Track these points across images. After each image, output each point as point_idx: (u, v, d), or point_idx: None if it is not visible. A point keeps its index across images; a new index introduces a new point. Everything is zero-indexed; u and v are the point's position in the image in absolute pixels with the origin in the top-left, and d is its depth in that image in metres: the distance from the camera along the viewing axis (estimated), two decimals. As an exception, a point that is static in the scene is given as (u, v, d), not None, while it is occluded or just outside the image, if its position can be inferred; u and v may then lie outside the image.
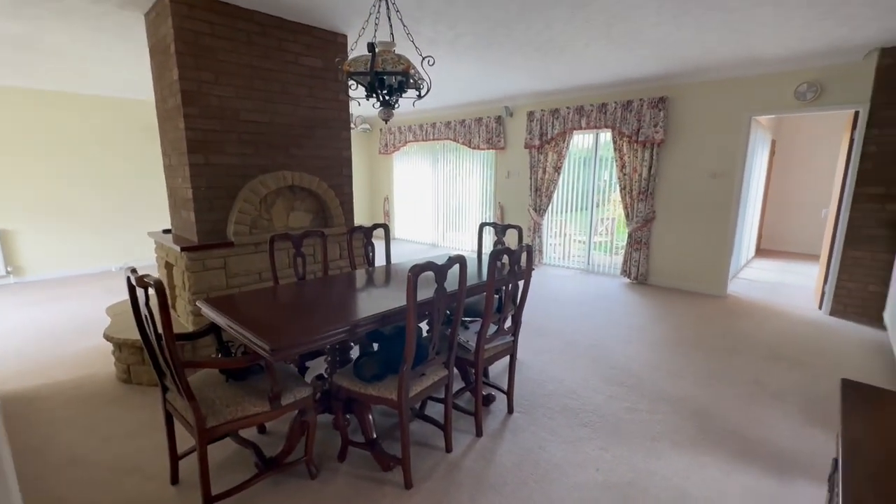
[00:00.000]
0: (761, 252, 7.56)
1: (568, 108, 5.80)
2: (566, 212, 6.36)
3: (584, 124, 5.68)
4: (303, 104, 3.35)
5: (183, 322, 3.10)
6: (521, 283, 2.48)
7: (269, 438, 2.30)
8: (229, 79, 2.92)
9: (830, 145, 7.03)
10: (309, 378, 2.60)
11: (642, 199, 5.31)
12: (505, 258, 2.29)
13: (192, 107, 2.78)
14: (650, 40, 3.60)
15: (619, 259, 5.92)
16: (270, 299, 2.25)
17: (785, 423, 2.49)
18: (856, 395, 1.18)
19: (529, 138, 6.28)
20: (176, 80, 2.73)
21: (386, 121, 2.39)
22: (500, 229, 3.32)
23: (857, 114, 4.09)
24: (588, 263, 6.19)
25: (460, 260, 2.02)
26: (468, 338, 2.45)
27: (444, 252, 7.47)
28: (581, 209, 6.15)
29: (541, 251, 6.56)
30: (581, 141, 6.07)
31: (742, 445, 2.28)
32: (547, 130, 6.09)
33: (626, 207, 5.48)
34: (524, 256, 2.37)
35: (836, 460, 1.23)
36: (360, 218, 9.29)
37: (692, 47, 3.79)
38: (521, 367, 3.18)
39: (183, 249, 2.77)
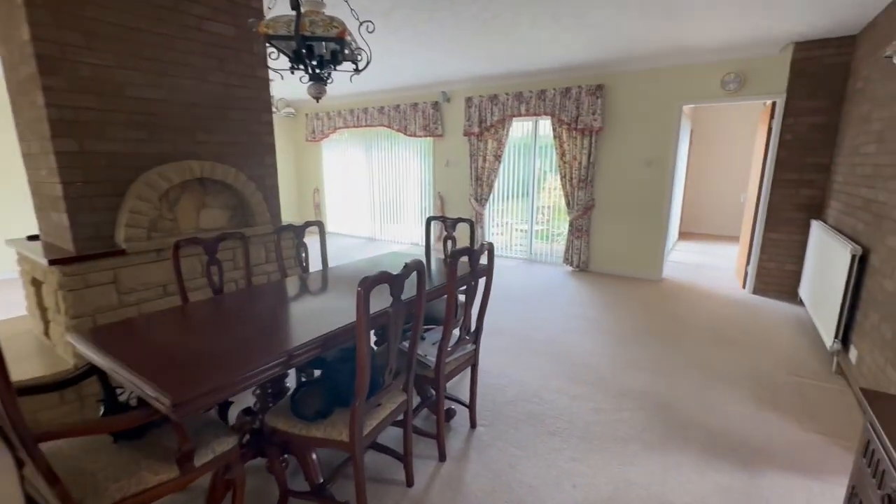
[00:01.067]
0: (683, 235, 8.08)
1: (507, 94, 5.63)
2: (506, 200, 6.25)
3: (523, 111, 5.56)
4: (211, 80, 2.78)
5: (62, 354, 2.46)
6: (482, 284, 2.22)
7: (186, 496, 1.84)
8: (107, 43, 2.29)
9: (745, 134, 7.62)
10: (234, 414, 2.15)
11: (582, 186, 5.32)
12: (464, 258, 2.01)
13: (55, 77, 2.14)
14: (593, 23, 3.49)
15: (560, 247, 5.94)
16: (177, 323, 1.77)
17: (740, 408, 2.52)
18: (882, 405, 1.07)
19: (468, 125, 6.05)
20: (28, 40, 2.07)
21: (317, 99, 1.98)
22: (451, 224, 3.04)
23: (774, 104, 4.34)
24: (530, 252, 6.15)
25: (418, 268, 1.71)
26: (426, 351, 2.16)
27: (383, 246, 7.08)
28: (521, 197, 6.07)
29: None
30: (521, 128, 5.95)
31: (708, 439, 2.25)
32: (486, 117, 5.89)
33: (566, 195, 5.47)
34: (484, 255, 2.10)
35: (853, 487, 1.14)
36: (288, 213, 8.52)
37: (630, 34, 3.75)
38: (479, 371, 2.96)
39: (52, 263, 2.15)
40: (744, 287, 4.77)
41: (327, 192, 8.38)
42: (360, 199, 7.98)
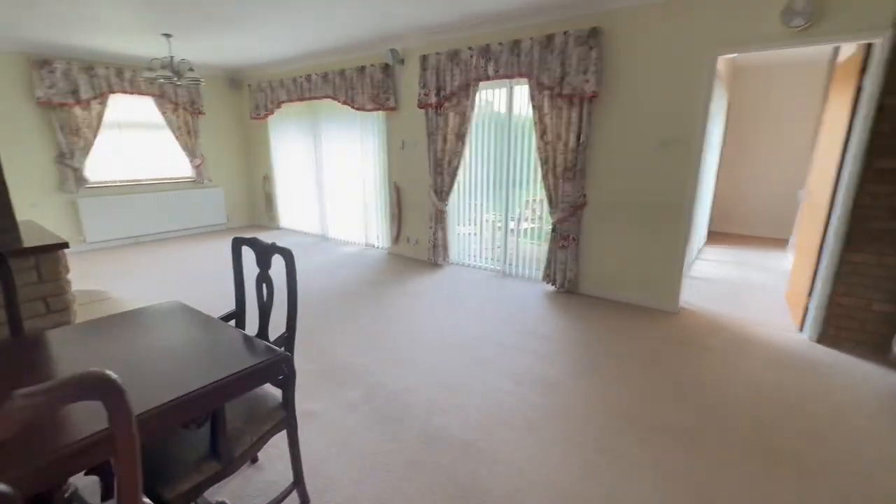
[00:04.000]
0: (713, 238, 6.43)
1: (471, 48, 4.12)
2: (482, 194, 4.77)
3: (491, 72, 4.04)
4: None
5: None
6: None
7: None
8: None
9: (806, 106, 5.86)
10: None
11: (569, 177, 3.81)
12: None
13: None
14: None
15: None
16: None
17: None
18: None
19: (424, 94, 4.57)
20: None
21: None
22: (261, 250, 1.64)
23: (869, 50, 2.73)
24: (504, 263, 4.69)
25: None
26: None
27: (333, 248, 5.72)
28: (500, 188, 4.58)
29: (445, 247, 4.98)
30: (490, 98, 4.44)
31: None
32: (445, 82, 4.40)
33: (548, 190, 3.97)
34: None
35: None
36: (241, 206, 7.28)
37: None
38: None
39: None
40: (801, 329, 3.23)
41: (278, 181, 7.06)
42: (309, 190, 6.63)
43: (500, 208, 4.57)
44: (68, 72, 5.25)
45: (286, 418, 1.54)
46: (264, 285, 1.65)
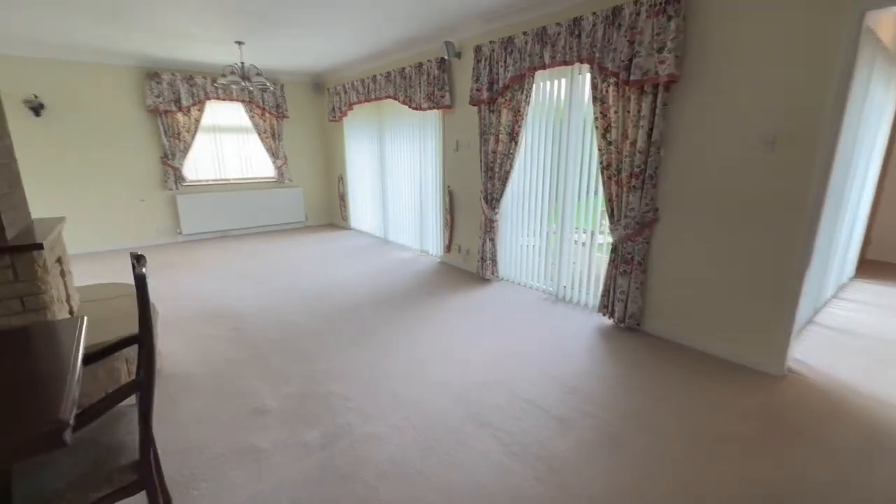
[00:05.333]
0: (867, 269, 4.80)
1: (525, 34, 3.54)
2: (536, 203, 4.12)
3: (548, 59, 3.41)
4: None
5: None
6: None
7: None
8: None
9: None
10: None
11: (636, 186, 3.01)
12: None
13: None
14: None
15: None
16: None
17: None
18: None
19: (476, 89, 4.09)
20: None
21: None
22: (135, 259, 1.36)
23: None
24: (558, 285, 3.97)
25: None
26: None
27: (390, 252, 5.50)
28: (553, 198, 3.89)
29: (495, 261, 4.43)
30: (547, 91, 3.77)
31: None
32: (498, 75, 3.87)
33: (609, 201, 3.20)
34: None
35: None
36: (319, 205, 7.58)
37: None
38: None
39: None
40: None
41: (351, 182, 7.16)
42: (374, 192, 6.57)
43: (556, 220, 3.88)
44: (172, 82, 5.88)
45: (138, 484, 1.24)
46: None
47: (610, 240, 3.28)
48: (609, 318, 3.38)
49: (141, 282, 1.20)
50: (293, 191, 7.29)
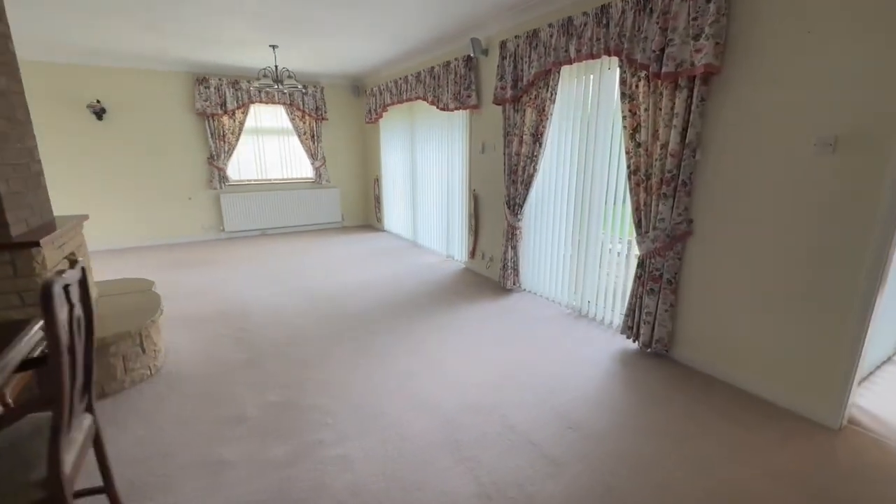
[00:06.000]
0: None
1: (551, 25, 3.25)
2: (561, 210, 3.80)
3: (573, 52, 3.11)
4: None
5: None
6: None
7: None
8: None
9: None
10: None
11: (667, 193, 2.64)
12: None
13: None
14: None
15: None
16: None
17: None
18: None
19: (500, 87, 3.86)
20: None
21: None
22: (67, 281, 1.30)
23: None
24: (581, 299, 3.63)
25: None
26: None
27: (417, 256, 5.37)
28: (580, 204, 3.56)
29: (517, 270, 4.15)
30: (572, 90, 3.44)
31: None
32: (523, 71, 3.61)
33: (637, 210, 2.85)
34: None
35: None
36: (356, 206, 7.67)
37: None
38: None
39: None
40: None
41: (385, 184, 7.14)
42: (405, 194, 6.50)
43: (582, 229, 3.55)
44: (219, 87, 6.16)
45: (48, 501, 1.17)
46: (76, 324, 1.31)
47: (637, 252, 2.92)
48: (633, 341, 3.01)
49: (47, 300, 1.13)
50: (330, 192, 7.41)
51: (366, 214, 7.93)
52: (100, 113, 5.58)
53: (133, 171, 5.96)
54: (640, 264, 2.88)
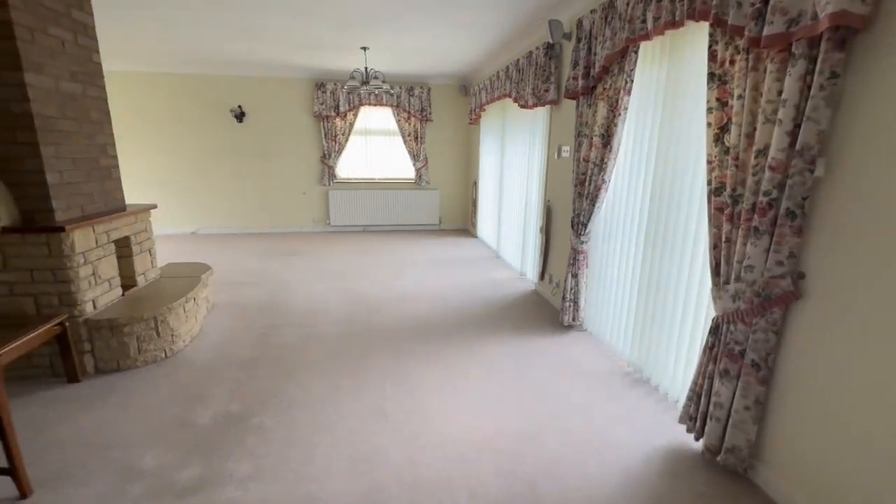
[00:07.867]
0: None
1: (628, -10, 2.44)
2: (635, 234, 2.89)
3: (651, 22, 2.26)
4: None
5: None
6: None
7: None
8: None
9: None
10: None
11: (760, 228, 1.67)
12: None
13: None
14: None
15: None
16: None
17: None
18: None
19: (573, 76, 3.13)
20: None
21: None
22: None
23: None
24: (644, 359, 2.67)
25: None
26: None
27: (491, 269, 4.88)
28: (656, 226, 2.63)
29: (577, 304, 3.35)
30: (651, 77, 2.51)
31: None
32: (595, 54, 2.84)
33: (714, 247, 1.90)
34: None
35: None
36: (454, 209, 7.50)
37: None
38: None
39: None
40: None
41: (480, 188, 6.75)
42: (493, 200, 5.99)
43: (654, 264, 2.61)
44: (334, 91, 6.62)
45: None
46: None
47: (712, 312, 1.96)
48: (695, 438, 2.05)
49: None
50: (430, 193, 7.36)
51: (464, 218, 7.67)
52: (240, 116, 6.51)
53: (259, 168, 6.82)
54: (714, 330, 1.92)
